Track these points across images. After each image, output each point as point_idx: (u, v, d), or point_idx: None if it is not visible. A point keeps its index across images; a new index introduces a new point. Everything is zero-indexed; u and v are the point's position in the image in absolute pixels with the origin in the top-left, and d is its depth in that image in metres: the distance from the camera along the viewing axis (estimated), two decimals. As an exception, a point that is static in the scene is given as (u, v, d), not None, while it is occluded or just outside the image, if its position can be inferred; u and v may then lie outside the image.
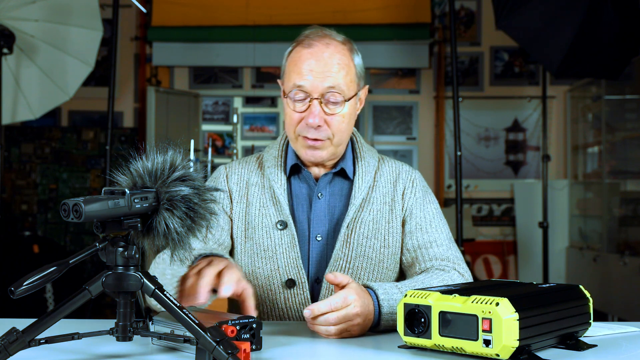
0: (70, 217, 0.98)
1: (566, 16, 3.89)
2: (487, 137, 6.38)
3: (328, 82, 1.53)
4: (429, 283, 1.48)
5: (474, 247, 6.21)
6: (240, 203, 1.63)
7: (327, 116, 1.55)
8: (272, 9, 6.06)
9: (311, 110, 1.53)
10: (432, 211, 1.66)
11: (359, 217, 1.60)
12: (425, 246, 1.60)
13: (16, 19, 3.97)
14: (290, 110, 1.57)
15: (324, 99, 1.54)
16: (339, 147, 1.60)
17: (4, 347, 1.02)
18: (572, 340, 1.22)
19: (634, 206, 5.47)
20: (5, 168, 5.99)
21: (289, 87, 1.56)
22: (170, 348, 1.22)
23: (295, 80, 1.54)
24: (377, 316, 1.36)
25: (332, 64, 1.54)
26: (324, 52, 1.55)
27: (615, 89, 5.63)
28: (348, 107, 1.57)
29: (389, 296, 1.38)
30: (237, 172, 1.68)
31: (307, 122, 1.54)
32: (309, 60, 1.54)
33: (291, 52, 1.60)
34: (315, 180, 1.63)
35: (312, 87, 1.53)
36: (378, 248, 1.60)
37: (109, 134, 3.89)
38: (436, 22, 6.38)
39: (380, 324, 1.37)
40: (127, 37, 6.33)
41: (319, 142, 1.55)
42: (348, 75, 1.56)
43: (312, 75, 1.53)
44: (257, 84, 6.46)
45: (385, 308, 1.36)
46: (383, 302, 1.36)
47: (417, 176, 1.69)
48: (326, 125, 1.55)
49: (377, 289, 1.38)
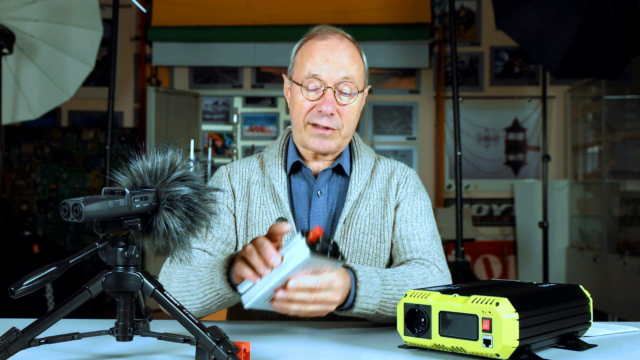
0: (70, 217, 0.98)
1: (566, 16, 3.89)
2: (487, 137, 6.38)
3: (343, 72, 1.56)
4: (410, 274, 1.48)
5: (474, 247, 6.21)
6: (242, 201, 1.65)
7: (339, 106, 1.57)
8: (272, 9, 6.07)
9: (325, 98, 1.56)
10: (421, 207, 1.66)
11: (355, 213, 1.61)
12: (407, 238, 1.61)
13: (16, 19, 3.97)
14: (302, 99, 1.58)
15: (338, 89, 1.57)
16: (345, 139, 1.63)
17: (4, 347, 1.02)
18: (572, 340, 1.22)
19: (634, 206, 5.47)
20: (5, 168, 5.99)
21: (302, 76, 1.58)
22: (170, 348, 1.22)
23: (310, 69, 1.57)
24: (352, 297, 1.36)
25: (347, 56, 1.58)
26: (339, 44, 1.59)
27: (615, 89, 5.64)
28: (358, 101, 1.60)
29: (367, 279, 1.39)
30: (238, 171, 1.69)
31: (320, 109, 1.56)
32: (324, 50, 1.57)
33: (302, 45, 1.62)
34: (314, 178, 1.64)
35: (327, 77, 1.56)
36: (375, 243, 1.61)
37: (109, 134, 3.89)
38: (436, 22, 6.38)
39: (355, 305, 1.36)
40: (127, 37, 6.33)
41: (329, 130, 1.57)
42: (360, 69, 1.61)
43: (328, 65, 1.56)
44: (257, 84, 6.46)
45: (362, 290, 1.37)
46: (360, 285, 1.37)
47: (411, 173, 1.71)
48: (338, 115, 1.57)
49: (356, 270, 1.39)
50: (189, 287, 1.43)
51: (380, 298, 1.39)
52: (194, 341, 1.04)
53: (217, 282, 1.38)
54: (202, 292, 1.41)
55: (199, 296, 1.42)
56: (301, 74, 1.59)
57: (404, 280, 1.45)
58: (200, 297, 1.42)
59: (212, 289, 1.39)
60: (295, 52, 1.64)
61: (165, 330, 1.17)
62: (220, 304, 1.43)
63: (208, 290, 1.40)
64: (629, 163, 5.59)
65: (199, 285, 1.42)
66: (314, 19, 5.52)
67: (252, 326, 1.48)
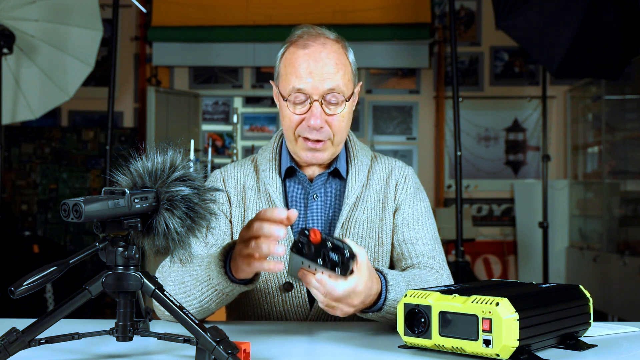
0: (70, 217, 0.98)
1: (566, 16, 3.89)
2: (487, 137, 6.38)
3: (328, 84, 1.51)
4: (426, 279, 1.48)
5: (474, 247, 6.21)
6: (238, 207, 1.62)
7: (327, 117, 1.53)
8: (272, 9, 6.07)
9: (313, 112, 1.51)
10: (421, 209, 1.64)
11: (353, 217, 1.59)
12: (411, 242, 1.59)
13: (16, 19, 3.97)
14: (290, 113, 1.54)
15: (325, 100, 1.52)
16: (339, 146, 1.60)
17: (4, 347, 1.02)
18: (572, 340, 1.22)
19: (634, 206, 5.47)
20: (5, 168, 6.00)
21: (287, 90, 1.54)
22: (170, 348, 1.22)
23: (294, 83, 1.52)
24: (382, 300, 1.34)
25: (330, 65, 1.52)
26: (321, 52, 1.53)
27: (615, 89, 5.64)
28: (347, 107, 1.56)
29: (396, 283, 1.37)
30: (233, 176, 1.66)
31: (308, 124, 1.52)
32: (307, 62, 1.52)
33: (285, 54, 1.57)
34: (309, 182, 1.62)
35: (312, 89, 1.51)
36: (373, 247, 1.59)
37: (109, 134, 3.89)
38: (436, 22, 6.38)
39: (383, 308, 1.35)
40: (127, 37, 6.33)
41: (320, 143, 1.54)
42: (346, 74, 1.55)
43: (312, 78, 1.51)
44: (257, 84, 6.46)
45: (392, 294, 1.35)
46: (390, 289, 1.35)
47: (409, 172, 1.67)
48: (327, 126, 1.53)
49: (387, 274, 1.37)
50: (185, 289, 1.42)
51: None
52: (194, 341, 1.04)
53: (214, 278, 1.35)
54: (200, 291, 1.39)
55: (196, 295, 1.40)
56: (286, 87, 1.54)
57: (422, 286, 1.44)
58: (198, 296, 1.40)
59: (209, 285, 1.37)
60: (279, 59, 1.59)
61: (165, 330, 1.17)
62: (219, 301, 1.40)
63: (205, 287, 1.38)
64: (629, 163, 5.59)
65: (196, 284, 1.39)
66: (314, 19, 5.52)
67: (252, 326, 1.48)
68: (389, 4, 6.19)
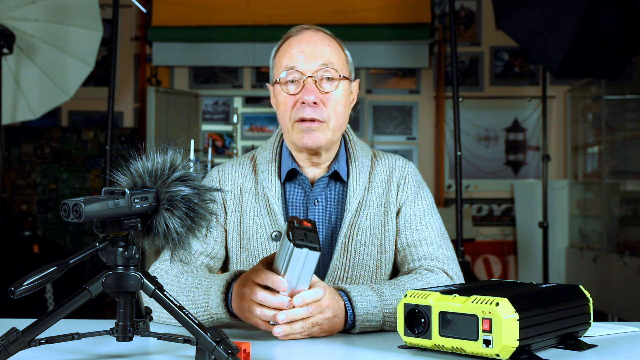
0: (70, 217, 0.98)
1: (566, 16, 3.90)
2: (487, 137, 6.38)
3: (320, 60, 1.52)
4: (411, 285, 1.44)
5: (474, 247, 6.21)
6: (235, 212, 1.59)
7: (322, 95, 1.51)
8: (272, 9, 6.06)
9: (306, 88, 1.50)
10: (423, 208, 1.60)
11: (355, 223, 1.55)
12: (414, 244, 1.55)
13: (16, 19, 3.97)
14: (284, 96, 1.53)
15: (318, 78, 1.51)
16: (336, 133, 1.55)
17: (4, 347, 1.02)
18: (572, 340, 1.22)
19: (634, 206, 5.47)
20: (5, 168, 5.99)
21: (280, 71, 1.54)
22: (170, 348, 1.22)
23: (287, 63, 1.52)
24: (351, 317, 1.34)
25: (323, 45, 1.54)
26: (314, 36, 1.55)
27: (615, 89, 5.64)
28: (342, 89, 1.54)
29: (363, 297, 1.36)
30: (230, 177, 1.62)
31: (302, 100, 1.50)
32: (299, 43, 1.53)
33: (279, 47, 1.58)
34: (311, 186, 1.58)
35: (305, 66, 1.51)
36: (375, 254, 1.56)
37: (109, 134, 3.89)
38: (436, 22, 6.38)
39: (356, 325, 1.35)
40: (127, 37, 6.33)
41: (316, 123, 1.51)
42: (340, 58, 1.56)
43: (304, 55, 1.52)
44: (257, 84, 6.46)
45: (360, 309, 1.34)
46: (356, 304, 1.35)
47: (410, 170, 1.63)
48: (322, 105, 1.51)
49: (349, 291, 1.36)
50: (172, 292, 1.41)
51: (382, 314, 1.36)
52: (194, 341, 1.04)
53: (214, 307, 1.35)
54: (194, 315, 1.34)
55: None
56: (279, 71, 1.54)
57: (403, 293, 1.40)
58: None
59: (206, 312, 1.36)
60: (272, 56, 1.60)
61: (165, 330, 1.17)
62: (211, 324, 1.38)
63: (201, 312, 1.37)
64: (629, 163, 5.59)
65: (191, 307, 1.38)
66: (314, 19, 5.52)
67: (252, 326, 1.48)
68: (389, 4, 6.19)
